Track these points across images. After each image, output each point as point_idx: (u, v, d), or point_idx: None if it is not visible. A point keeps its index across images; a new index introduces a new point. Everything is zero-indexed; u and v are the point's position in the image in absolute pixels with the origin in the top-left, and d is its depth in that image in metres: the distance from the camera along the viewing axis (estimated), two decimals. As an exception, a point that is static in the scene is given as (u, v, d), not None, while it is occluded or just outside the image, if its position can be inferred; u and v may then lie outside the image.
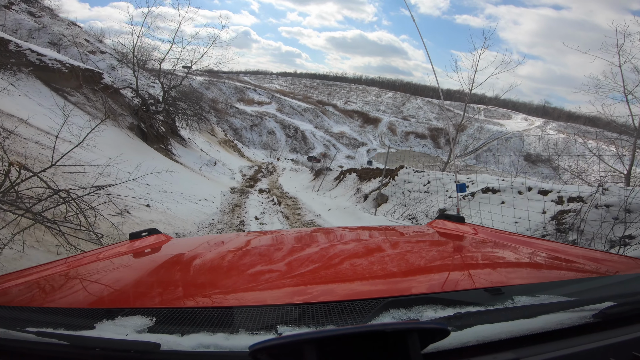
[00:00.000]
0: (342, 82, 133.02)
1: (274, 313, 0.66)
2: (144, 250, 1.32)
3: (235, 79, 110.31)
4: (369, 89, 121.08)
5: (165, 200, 6.93)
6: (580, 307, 0.66)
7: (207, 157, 18.80)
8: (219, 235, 4.17)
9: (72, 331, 0.60)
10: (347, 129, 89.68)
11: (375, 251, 1.23)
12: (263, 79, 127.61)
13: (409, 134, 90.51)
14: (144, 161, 9.53)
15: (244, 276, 1.00)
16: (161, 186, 7.88)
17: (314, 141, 79.07)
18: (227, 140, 36.07)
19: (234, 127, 72.30)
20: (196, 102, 18.09)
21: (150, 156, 10.60)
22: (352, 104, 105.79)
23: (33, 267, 1.01)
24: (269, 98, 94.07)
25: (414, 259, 1.14)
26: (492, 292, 0.73)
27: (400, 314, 0.64)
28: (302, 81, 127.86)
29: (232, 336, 0.58)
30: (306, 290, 0.84)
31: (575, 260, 1.03)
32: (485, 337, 0.57)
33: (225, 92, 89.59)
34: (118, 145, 9.49)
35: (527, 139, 64.25)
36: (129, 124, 11.97)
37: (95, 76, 12.04)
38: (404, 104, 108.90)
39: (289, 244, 1.42)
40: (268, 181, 18.10)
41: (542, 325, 0.61)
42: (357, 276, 0.94)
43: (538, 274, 0.99)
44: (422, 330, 0.50)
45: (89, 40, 20.29)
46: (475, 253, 1.22)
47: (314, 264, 1.07)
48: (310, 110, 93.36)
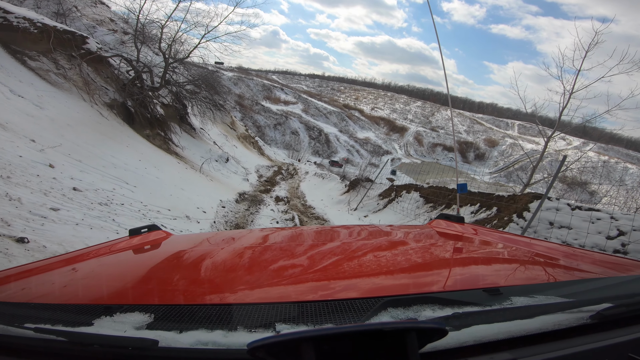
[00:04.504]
0: (370, 87, 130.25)
1: (273, 311, 0.65)
2: (143, 246, 1.29)
3: (263, 76, 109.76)
4: (397, 97, 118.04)
5: (90, 223, 3.78)
6: (578, 308, 0.65)
7: (219, 151, 15.83)
8: (218, 233, 3.81)
9: (70, 327, 0.60)
10: (372, 135, 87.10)
11: (374, 250, 1.20)
12: (291, 79, 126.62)
13: (437, 146, 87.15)
14: (110, 151, 6.47)
15: (242, 274, 0.99)
16: (110, 193, 4.76)
17: (337, 145, 76.92)
18: (247, 135, 33.31)
19: (257, 124, 71.05)
20: (210, 86, 15.07)
21: (127, 144, 7.56)
22: (379, 111, 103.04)
23: (32, 262, 1.03)
24: (295, 98, 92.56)
25: (413, 258, 1.12)
26: (490, 292, 0.72)
27: (398, 313, 0.63)
28: (330, 84, 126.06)
29: (230, 333, 0.57)
30: (305, 289, 0.83)
31: (573, 261, 1.02)
32: (482, 337, 0.57)
33: (252, 89, 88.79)
34: (73, 125, 6.45)
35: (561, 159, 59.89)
36: (109, 101, 9.04)
37: (75, 40, 9.23)
38: (433, 115, 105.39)
39: (288, 243, 1.37)
40: (288, 186, 14.91)
41: (539, 325, 0.60)
42: (356, 275, 0.91)
43: (536, 275, 0.98)
44: (420, 329, 0.49)
45: (113, 19, 18.00)
46: (474, 253, 1.21)
47: (312, 263, 1.05)
48: (336, 113, 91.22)
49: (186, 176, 8.42)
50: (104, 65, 9.90)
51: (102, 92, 9.09)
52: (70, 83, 8.18)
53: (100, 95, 8.80)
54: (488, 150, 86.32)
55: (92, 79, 9.13)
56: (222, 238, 1.58)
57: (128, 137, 8.20)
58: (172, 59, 11.55)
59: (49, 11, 13.71)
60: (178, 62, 12.00)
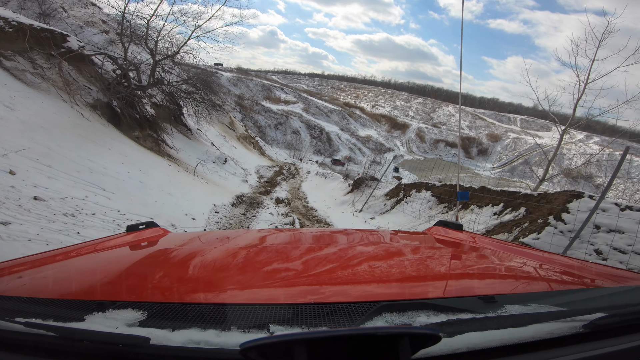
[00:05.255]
0: (370, 85, 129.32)
1: (267, 312, 0.64)
2: (140, 243, 1.28)
3: (263, 77, 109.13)
4: (397, 94, 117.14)
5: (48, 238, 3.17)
6: (571, 318, 0.65)
7: (217, 152, 15.25)
8: (216, 231, 3.78)
9: (61, 322, 0.59)
10: (373, 133, 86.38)
11: (371, 255, 1.20)
12: (291, 78, 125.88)
13: (439, 142, 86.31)
14: (88, 154, 5.87)
15: (237, 273, 0.98)
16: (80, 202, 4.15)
17: (339, 144, 76.33)
18: (247, 136, 32.73)
19: (258, 125, 70.53)
20: (206, 85, 14.46)
21: (109, 147, 6.94)
22: (380, 108, 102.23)
23: (26, 256, 0.98)
24: (295, 97, 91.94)
25: (409, 264, 1.11)
26: (485, 300, 0.72)
27: (393, 318, 0.62)
28: (330, 82, 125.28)
29: (223, 333, 0.57)
30: (300, 291, 0.82)
31: (568, 271, 1.02)
32: (475, 345, 0.56)
33: (252, 89, 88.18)
34: (47, 127, 5.85)
35: (567, 153, 59.42)
36: (92, 101, 8.43)
37: (55, 38, 8.62)
38: (434, 111, 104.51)
39: (285, 244, 1.37)
40: (289, 187, 14.30)
41: (532, 334, 0.60)
42: (352, 279, 0.91)
43: (532, 284, 0.98)
44: (414, 335, 0.49)
45: (105, 21, 17.43)
46: (471, 261, 1.21)
47: (308, 265, 1.04)
48: (337, 112, 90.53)
49: (177, 179, 7.80)
50: (87, 65, 9.28)
51: (85, 92, 8.48)
52: (49, 83, 7.58)
53: (82, 96, 8.18)
54: (491, 145, 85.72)
55: (74, 78, 8.53)
56: (219, 237, 1.57)
57: (112, 139, 7.59)
58: (161, 56, 10.93)
59: (33, 12, 13.19)
60: (169, 59, 11.38)
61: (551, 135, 70.97)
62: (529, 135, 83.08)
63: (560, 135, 10.25)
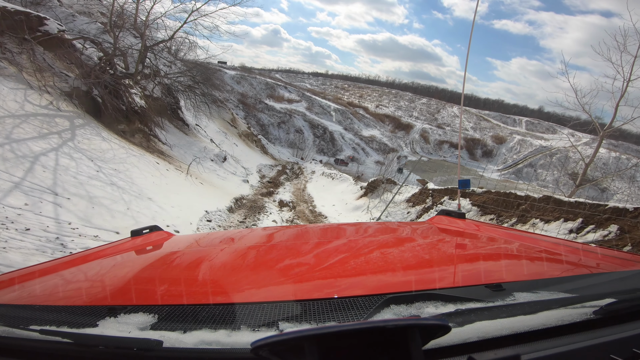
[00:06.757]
0: (373, 85, 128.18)
1: (276, 310, 0.64)
2: (145, 247, 1.28)
3: (266, 75, 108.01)
4: (402, 94, 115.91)
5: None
6: (581, 304, 0.64)
7: (216, 150, 14.14)
8: (220, 232, 3.57)
9: (75, 329, 0.59)
10: (377, 133, 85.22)
11: (376, 247, 1.17)
12: (294, 77, 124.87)
13: (443, 143, 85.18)
14: (46, 150, 4.74)
15: (244, 273, 0.96)
16: (12, 212, 3.02)
17: (343, 143, 75.29)
18: (249, 133, 31.63)
19: (261, 123, 69.59)
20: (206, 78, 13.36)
21: (78, 141, 5.79)
22: (383, 108, 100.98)
23: (35, 265, 0.98)
24: (299, 96, 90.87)
25: (414, 255, 1.10)
26: (492, 289, 0.71)
27: (401, 310, 0.62)
28: (333, 82, 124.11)
29: (234, 333, 0.57)
30: (307, 287, 0.81)
31: (576, 256, 1.00)
32: (486, 334, 0.56)
33: (255, 88, 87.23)
34: (2, 116, 4.74)
35: (573, 156, 58.67)
36: (69, 89, 7.29)
37: (30, 21, 7.55)
38: (439, 112, 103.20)
39: (290, 241, 1.36)
40: (293, 188, 13.19)
41: (542, 321, 0.59)
42: (358, 272, 0.90)
43: (539, 270, 0.95)
44: (423, 326, 0.48)
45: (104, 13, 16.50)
46: (476, 249, 1.17)
47: (313, 262, 1.03)
48: (340, 111, 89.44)
49: (163, 180, 6.67)
50: (68, 50, 8.19)
51: (61, 79, 7.37)
52: (17, 68, 6.46)
53: (56, 83, 7.06)
54: (496, 147, 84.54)
55: (50, 64, 7.45)
56: (223, 237, 1.55)
57: (89, 132, 6.47)
58: (152, 41, 9.80)
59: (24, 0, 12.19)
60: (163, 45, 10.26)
61: (558, 137, 69.71)
62: (534, 137, 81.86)
63: (600, 137, 9.25)
